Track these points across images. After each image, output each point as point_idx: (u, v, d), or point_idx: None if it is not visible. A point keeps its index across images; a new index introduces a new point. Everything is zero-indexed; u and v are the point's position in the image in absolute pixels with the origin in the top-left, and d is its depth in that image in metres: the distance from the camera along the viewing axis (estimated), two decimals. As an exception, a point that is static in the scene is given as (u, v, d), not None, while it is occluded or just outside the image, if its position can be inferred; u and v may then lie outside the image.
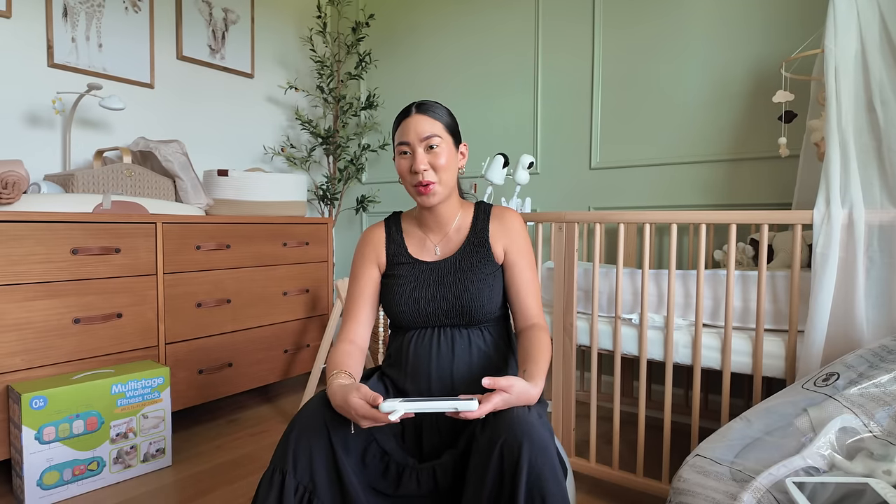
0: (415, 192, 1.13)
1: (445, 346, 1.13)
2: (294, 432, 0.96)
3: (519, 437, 0.88)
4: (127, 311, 1.88)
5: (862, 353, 1.13)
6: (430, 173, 1.10)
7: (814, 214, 1.32)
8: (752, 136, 2.10)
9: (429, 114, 1.12)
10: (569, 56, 2.53)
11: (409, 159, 1.11)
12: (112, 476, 1.70)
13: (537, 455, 0.87)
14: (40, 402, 1.55)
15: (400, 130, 1.13)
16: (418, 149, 1.10)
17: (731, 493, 0.92)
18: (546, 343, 1.11)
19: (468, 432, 1.03)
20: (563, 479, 0.90)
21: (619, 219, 1.51)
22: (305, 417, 0.98)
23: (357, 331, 1.17)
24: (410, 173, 1.11)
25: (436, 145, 1.10)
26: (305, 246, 2.50)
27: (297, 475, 0.94)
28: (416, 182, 1.11)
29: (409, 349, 1.14)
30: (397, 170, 1.15)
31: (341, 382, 0.99)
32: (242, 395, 2.57)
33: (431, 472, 1.01)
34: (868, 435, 0.95)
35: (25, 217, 1.64)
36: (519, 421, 0.91)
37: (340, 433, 0.97)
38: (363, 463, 1.00)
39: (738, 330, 1.47)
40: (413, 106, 1.14)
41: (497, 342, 1.18)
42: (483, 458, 0.91)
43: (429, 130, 1.10)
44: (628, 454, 1.91)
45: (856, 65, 1.38)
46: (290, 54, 3.21)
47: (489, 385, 0.93)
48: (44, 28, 2.21)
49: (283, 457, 0.95)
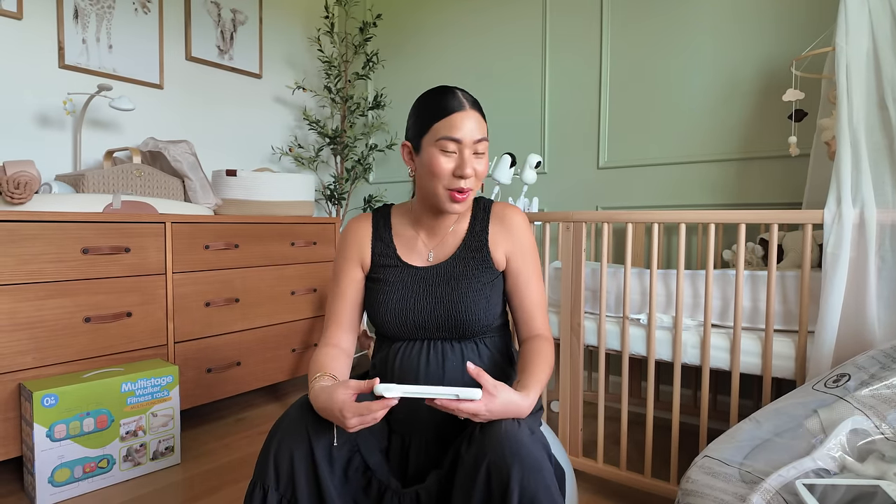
0: (447, 196, 0.98)
1: (435, 363, 1.01)
2: (274, 442, 0.89)
3: (508, 458, 0.80)
4: (136, 310, 1.90)
5: (873, 354, 1.12)
6: (473, 180, 0.97)
7: (824, 214, 1.31)
8: (761, 135, 2.09)
9: (481, 112, 0.99)
10: (576, 54, 2.52)
11: (455, 159, 0.96)
12: (122, 474, 1.71)
13: (530, 477, 0.79)
14: (51, 400, 1.56)
15: (446, 124, 0.95)
16: (467, 150, 0.96)
17: (740, 495, 0.91)
18: (548, 353, 1.01)
19: (454, 448, 0.93)
20: (560, 498, 0.83)
21: (627, 218, 1.51)
22: (286, 425, 0.90)
23: (340, 335, 1.06)
24: (453, 176, 0.96)
25: (483, 151, 0.98)
26: (313, 246, 2.51)
27: (280, 488, 0.88)
28: (455, 186, 0.97)
29: (394, 363, 1.03)
30: (429, 166, 0.97)
31: (324, 385, 0.90)
32: (250, 394, 2.58)
33: (415, 496, 0.92)
34: (879, 437, 0.94)
35: (37, 217, 1.66)
36: (507, 438, 0.81)
37: (323, 442, 0.89)
38: (346, 477, 0.93)
39: (747, 330, 1.46)
40: (462, 97, 0.97)
41: (494, 357, 1.06)
42: (468, 479, 0.82)
43: (481, 133, 0.97)
44: (636, 455, 1.90)
45: (867, 62, 1.36)
46: (297, 55, 3.22)
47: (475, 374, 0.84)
48: (55, 29, 2.24)
49: (265, 470, 0.88)
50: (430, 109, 0.98)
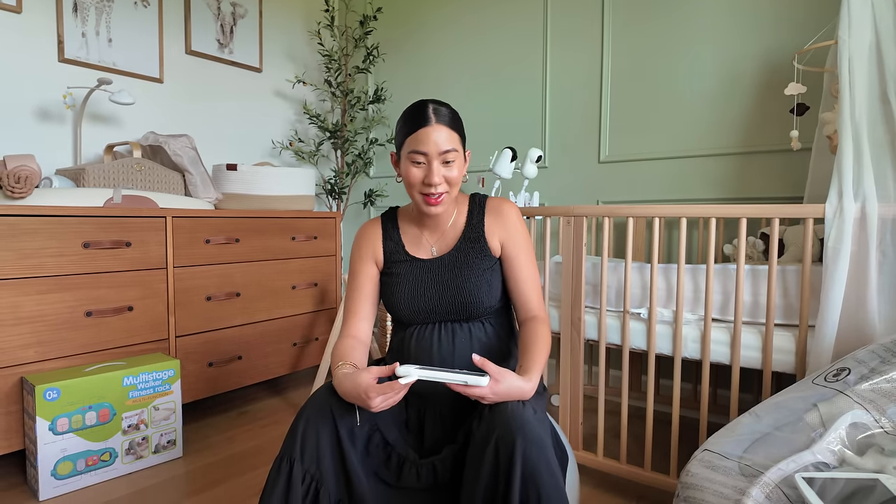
0: (422, 200, 1.09)
1: (446, 339, 1.13)
2: (302, 421, 0.99)
3: (513, 432, 0.90)
4: (138, 304, 1.90)
5: (873, 349, 1.12)
6: (444, 186, 1.08)
7: (826, 208, 1.31)
8: (763, 129, 2.08)
9: (448, 124, 1.07)
10: (578, 48, 2.51)
11: (423, 170, 1.07)
12: (124, 467, 1.72)
13: (531, 449, 0.88)
14: (54, 394, 1.57)
15: (414, 138, 1.06)
16: (434, 162, 1.06)
17: (739, 488, 0.92)
18: (544, 336, 1.11)
19: (466, 426, 1.05)
20: (559, 472, 0.92)
21: (628, 213, 1.51)
22: (313, 407, 1.01)
23: (359, 326, 1.17)
24: (422, 184, 1.08)
25: (452, 160, 1.07)
26: (314, 240, 2.51)
27: (305, 463, 0.97)
28: (426, 192, 1.08)
29: (410, 343, 1.16)
30: (404, 176, 1.09)
31: (346, 372, 1.00)
32: (252, 388, 2.59)
33: (431, 466, 1.02)
34: (879, 430, 0.94)
35: (38, 211, 1.66)
36: (513, 416, 0.92)
37: (346, 422, 1.00)
38: (367, 451, 1.03)
39: (747, 325, 1.46)
40: (430, 112, 1.06)
41: (499, 333, 1.18)
42: (479, 451, 0.93)
43: (448, 144, 1.06)
44: (636, 448, 1.91)
45: (870, 56, 1.36)
46: (297, 48, 3.21)
47: (479, 364, 0.96)
48: (54, 23, 2.23)
49: (292, 445, 0.98)
50: (404, 125, 1.09)
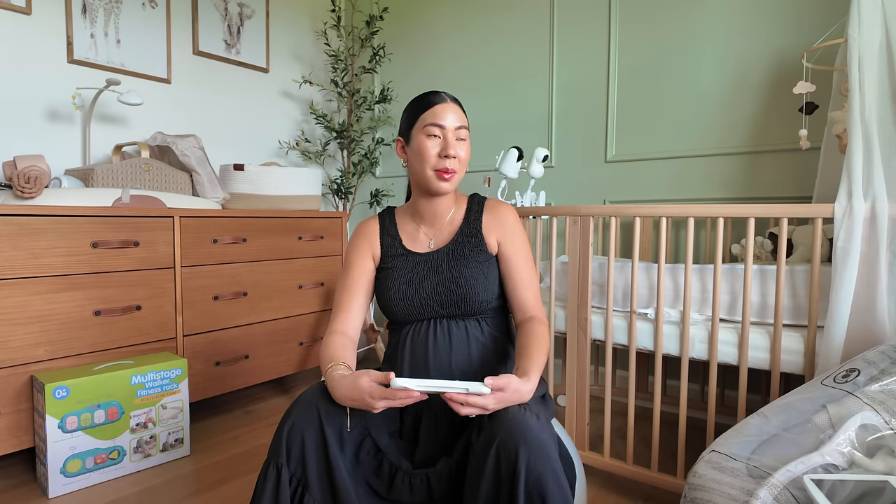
0: (434, 176, 1.10)
1: (442, 338, 1.11)
2: (287, 424, 0.95)
3: (515, 440, 0.86)
4: (146, 303, 1.91)
5: (883, 350, 1.11)
6: (457, 163, 1.11)
7: (835, 208, 1.30)
8: (771, 128, 2.07)
9: (460, 106, 1.14)
10: (584, 47, 2.50)
11: (439, 142, 1.10)
12: (132, 465, 1.73)
13: (535, 457, 0.85)
14: (63, 392, 1.58)
15: (431, 112, 1.10)
16: (450, 135, 1.10)
17: (747, 490, 0.91)
18: (542, 336, 1.09)
19: (464, 438, 1.00)
20: (565, 481, 0.88)
21: (634, 212, 1.50)
22: (299, 409, 0.96)
23: (348, 321, 1.14)
24: (438, 156, 1.09)
25: (464, 137, 1.12)
26: (320, 240, 2.51)
27: (291, 467, 0.93)
28: (440, 167, 1.09)
29: (405, 343, 1.13)
30: (418, 152, 1.11)
31: (342, 373, 0.96)
32: (259, 387, 2.60)
33: (425, 479, 0.97)
34: (889, 432, 0.93)
35: (47, 211, 1.67)
36: (515, 422, 0.88)
37: (335, 426, 0.95)
38: (357, 459, 0.99)
39: (755, 325, 1.45)
40: (443, 94, 1.13)
41: (495, 334, 1.16)
42: (479, 461, 0.89)
43: (461, 122, 1.12)
44: (643, 449, 1.90)
45: (880, 54, 1.34)
46: (304, 48, 3.22)
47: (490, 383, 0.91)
48: (63, 24, 2.25)
49: (278, 450, 0.94)
50: (418, 105, 1.13)
